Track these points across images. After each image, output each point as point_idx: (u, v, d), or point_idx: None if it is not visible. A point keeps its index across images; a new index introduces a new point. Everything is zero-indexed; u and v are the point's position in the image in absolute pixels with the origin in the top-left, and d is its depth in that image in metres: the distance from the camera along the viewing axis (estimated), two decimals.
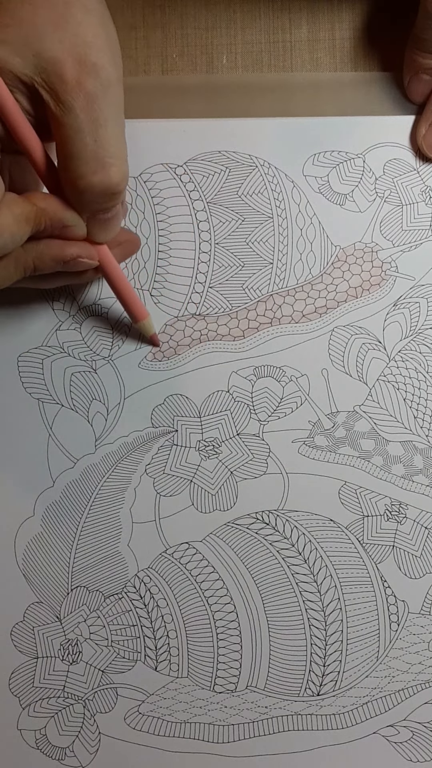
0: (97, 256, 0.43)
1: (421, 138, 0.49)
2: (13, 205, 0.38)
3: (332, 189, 0.49)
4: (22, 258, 0.40)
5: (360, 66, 0.51)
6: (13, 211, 0.38)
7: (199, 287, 0.49)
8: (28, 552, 0.47)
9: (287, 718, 0.45)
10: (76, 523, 0.47)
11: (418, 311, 0.48)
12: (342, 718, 0.45)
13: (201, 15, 0.51)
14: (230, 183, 0.49)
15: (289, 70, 0.51)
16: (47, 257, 0.41)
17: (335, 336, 0.48)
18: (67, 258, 0.41)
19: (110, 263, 0.44)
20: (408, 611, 0.46)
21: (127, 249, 0.46)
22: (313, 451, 0.47)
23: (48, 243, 0.41)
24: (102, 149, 0.38)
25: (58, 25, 0.37)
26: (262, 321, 0.48)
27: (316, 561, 0.46)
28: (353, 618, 0.46)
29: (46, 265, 0.41)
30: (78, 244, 0.42)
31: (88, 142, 0.38)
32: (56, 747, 0.45)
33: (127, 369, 0.48)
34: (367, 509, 0.47)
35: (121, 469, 0.47)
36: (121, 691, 0.46)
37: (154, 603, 0.46)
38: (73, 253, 0.41)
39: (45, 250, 0.41)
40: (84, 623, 0.46)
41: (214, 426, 0.48)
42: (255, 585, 0.46)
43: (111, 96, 0.38)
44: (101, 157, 0.38)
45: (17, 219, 0.38)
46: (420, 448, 0.47)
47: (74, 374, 0.48)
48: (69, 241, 0.41)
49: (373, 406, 0.48)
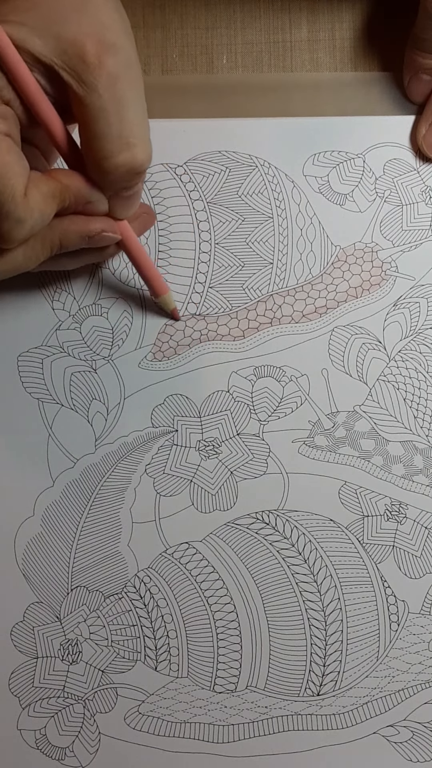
0: (119, 231, 0.43)
1: (421, 138, 0.49)
2: (40, 183, 0.38)
3: (332, 189, 0.49)
4: (48, 236, 0.41)
5: (360, 66, 0.51)
6: (40, 189, 0.38)
7: (199, 287, 0.49)
8: (28, 552, 0.47)
9: (287, 718, 0.45)
10: (76, 523, 0.47)
11: (418, 311, 0.48)
12: (342, 718, 0.45)
13: (201, 15, 0.51)
14: (230, 183, 0.49)
15: (289, 70, 0.51)
16: (73, 233, 0.41)
17: (335, 336, 0.48)
18: (92, 233, 0.41)
19: (131, 238, 0.44)
20: (408, 611, 0.46)
21: (145, 222, 0.46)
22: (313, 451, 0.47)
23: (72, 219, 0.41)
24: (127, 129, 0.38)
25: (76, 9, 0.37)
26: (262, 321, 0.48)
27: (316, 561, 0.46)
28: (353, 618, 0.46)
29: (72, 242, 0.41)
30: (101, 219, 0.42)
31: (112, 122, 0.38)
32: (56, 747, 0.45)
33: (127, 369, 0.48)
34: (367, 509, 0.47)
35: (121, 469, 0.47)
36: (121, 691, 0.46)
37: (154, 603, 0.46)
38: (97, 228, 0.42)
39: (70, 227, 0.41)
40: (84, 623, 0.46)
41: (214, 426, 0.48)
42: (255, 585, 0.46)
43: (132, 76, 0.38)
44: (126, 136, 0.38)
45: (45, 196, 0.38)
46: (420, 448, 0.47)
47: (74, 374, 0.48)
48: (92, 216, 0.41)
49: (373, 406, 0.48)
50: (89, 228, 0.41)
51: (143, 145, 0.39)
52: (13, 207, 0.37)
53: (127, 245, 0.44)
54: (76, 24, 0.37)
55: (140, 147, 0.39)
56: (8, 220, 0.37)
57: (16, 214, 0.37)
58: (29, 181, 0.38)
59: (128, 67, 0.38)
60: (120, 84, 0.37)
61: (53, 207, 0.39)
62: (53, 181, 0.39)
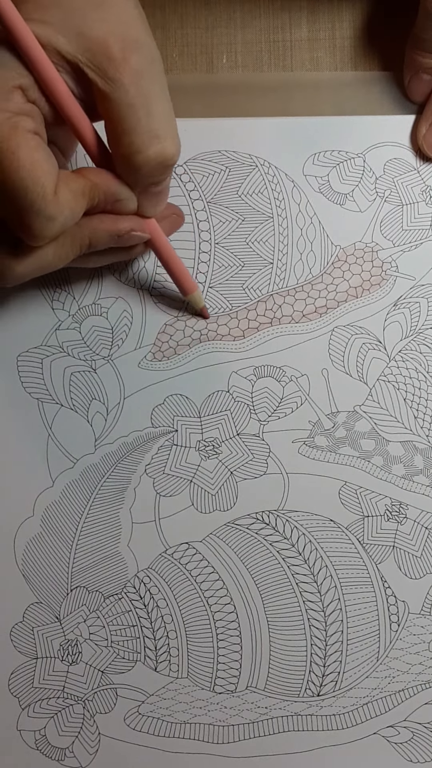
0: (147, 230, 0.43)
1: (422, 137, 0.49)
2: (69, 181, 0.38)
3: (332, 189, 0.49)
4: (78, 234, 0.41)
5: (360, 66, 0.51)
6: (69, 186, 0.38)
7: (199, 287, 0.49)
8: (27, 552, 0.47)
9: (287, 719, 0.45)
10: (76, 523, 0.47)
11: (418, 311, 0.48)
12: (342, 718, 0.45)
13: (201, 15, 0.51)
14: (230, 183, 0.49)
15: (289, 70, 0.51)
16: (102, 232, 0.41)
17: (335, 336, 0.48)
18: (121, 231, 0.42)
19: (160, 237, 0.44)
20: (408, 611, 0.46)
21: (174, 223, 0.46)
22: (314, 451, 0.47)
23: (101, 218, 0.41)
24: (155, 122, 0.38)
25: (96, 6, 0.37)
26: (262, 321, 0.48)
27: (316, 561, 0.46)
28: (353, 618, 0.46)
29: (101, 241, 0.42)
30: (130, 218, 0.42)
31: (141, 116, 0.38)
32: (56, 747, 0.45)
33: (127, 369, 0.48)
34: (368, 509, 0.47)
35: (121, 469, 0.47)
36: (121, 691, 0.46)
37: (153, 603, 0.46)
38: (126, 227, 0.42)
39: (99, 225, 0.41)
40: (84, 623, 0.46)
41: (214, 426, 0.47)
42: (255, 585, 0.46)
43: (156, 70, 0.38)
44: (155, 130, 0.38)
45: (74, 194, 0.38)
46: (420, 448, 0.47)
47: (74, 374, 0.48)
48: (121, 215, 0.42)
49: (373, 406, 0.48)
50: (118, 227, 0.41)
51: (173, 138, 0.39)
52: (44, 204, 0.37)
53: (156, 244, 0.44)
54: (98, 21, 0.37)
55: (170, 140, 0.39)
56: (39, 218, 0.37)
57: (47, 211, 0.37)
58: (58, 179, 0.38)
59: (152, 62, 0.38)
60: (145, 79, 0.38)
61: (83, 204, 0.39)
62: (82, 179, 0.39)
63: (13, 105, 0.37)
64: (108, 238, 0.42)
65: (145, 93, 0.38)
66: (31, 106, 0.38)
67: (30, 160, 0.36)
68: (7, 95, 0.37)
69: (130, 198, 0.41)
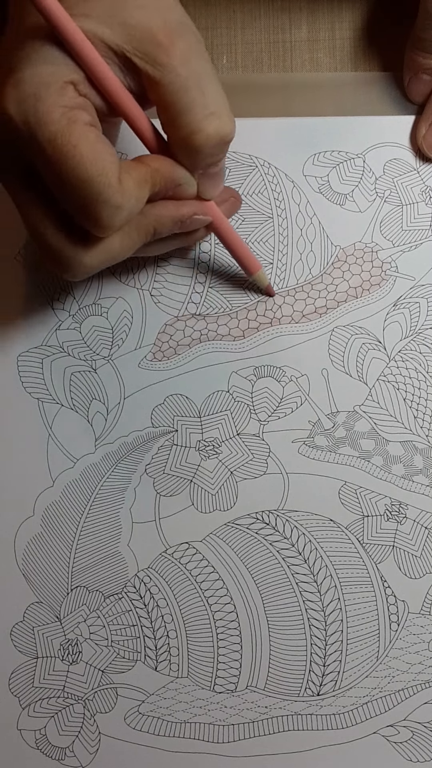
0: (209, 213, 0.43)
1: (421, 138, 0.49)
2: (131, 170, 0.39)
3: (332, 189, 0.49)
4: (143, 223, 0.41)
5: (360, 66, 0.51)
6: (132, 175, 0.38)
7: (199, 287, 0.49)
8: (28, 552, 0.47)
9: (287, 718, 0.45)
10: (76, 523, 0.47)
11: (418, 311, 0.48)
12: (342, 718, 0.45)
13: (201, 15, 0.51)
14: (230, 183, 0.49)
15: (289, 70, 0.51)
16: (166, 218, 0.41)
17: (335, 336, 0.48)
18: (184, 217, 0.42)
19: (221, 219, 0.44)
20: (408, 611, 0.46)
21: (232, 206, 0.46)
22: (313, 451, 0.47)
23: (164, 204, 0.41)
24: (210, 100, 0.38)
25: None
26: (262, 321, 0.48)
27: (316, 561, 0.46)
28: (353, 618, 0.46)
29: (166, 227, 0.42)
30: (192, 203, 0.42)
31: (195, 96, 0.38)
32: (56, 747, 0.45)
33: (127, 369, 0.48)
34: (367, 509, 0.47)
35: (121, 469, 0.47)
36: (121, 691, 0.46)
37: (154, 603, 0.46)
38: (189, 211, 0.42)
39: (162, 212, 0.41)
40: (84, 623, 0.46)
41: (214, 426, 0.48)
42: (255, 585, 0.46)
43: (202, 50, 0.38)
44: (210, 107, 0.38)
45: (137, 182, 0.38)
46: (420, 448, 0.47)
47: (74, 374, 0.48)
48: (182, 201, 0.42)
49: (373, 406, 0.48)
50: (181, 212, 0.42)
51: (228, 114, 0.39)
52: (111, 193, 0.37)
53: (218, 227, 0.44)
54: (139, 9, 0.37)
55: (226, 116, 0.39)
56: (107, 207, 0.37)
57: (114, 200, 0.37)
58: (120, 169, 0.38)
59: (197, 42, 0.38)
60: (193, 59, 0.38)
61: (146, 192, 0.39)
62: (143, 166, 0.39)
63: (68, 100, 0.37)
64: (172, 224, 0.42)
65: (195, 73, 0.38)
66: (84, 100, 0.38)
67: (92, 151, 0.36)
68: (61, 91, 0.37)
69: (190, 182, 0.41)
